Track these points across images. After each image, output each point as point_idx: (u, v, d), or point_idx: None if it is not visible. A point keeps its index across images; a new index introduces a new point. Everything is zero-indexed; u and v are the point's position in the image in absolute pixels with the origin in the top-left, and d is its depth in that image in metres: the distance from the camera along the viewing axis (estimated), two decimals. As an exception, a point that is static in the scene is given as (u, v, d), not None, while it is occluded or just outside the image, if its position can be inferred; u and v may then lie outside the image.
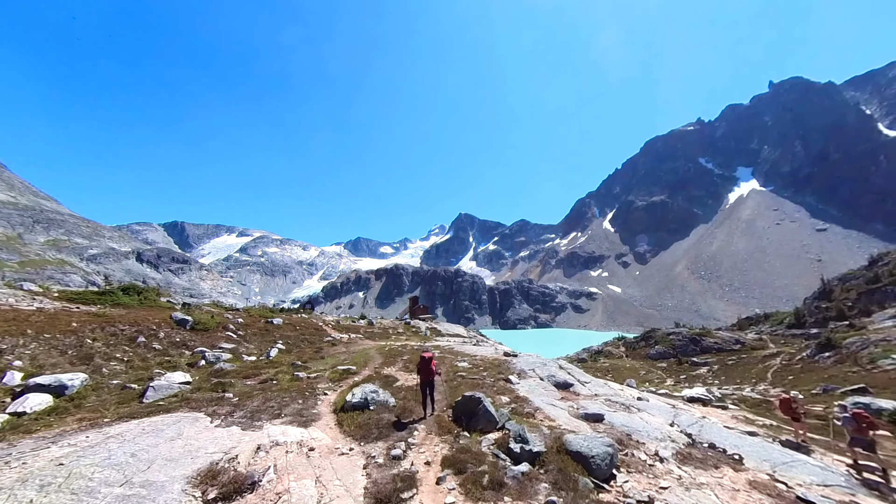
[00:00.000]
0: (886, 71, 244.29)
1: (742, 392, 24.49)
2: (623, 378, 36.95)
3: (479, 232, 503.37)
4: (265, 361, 16.99)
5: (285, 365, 16.11)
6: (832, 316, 40.55)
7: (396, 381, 12.87)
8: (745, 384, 27.63)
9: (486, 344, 32.79)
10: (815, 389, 22.49)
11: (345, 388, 11.84)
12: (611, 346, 55.32)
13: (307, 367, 15.84)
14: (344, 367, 15.46)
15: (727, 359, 36.56)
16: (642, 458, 6.93)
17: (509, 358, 17.80)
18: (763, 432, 11.58)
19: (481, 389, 11.37)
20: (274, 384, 12.63)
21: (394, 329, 38.41)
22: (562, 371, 15.17)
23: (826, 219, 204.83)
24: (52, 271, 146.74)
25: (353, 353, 20.32)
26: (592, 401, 11.35)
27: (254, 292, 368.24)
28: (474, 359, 17.77)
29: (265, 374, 14.37)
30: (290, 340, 23.49)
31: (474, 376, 13.28)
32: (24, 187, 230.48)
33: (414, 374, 13.84)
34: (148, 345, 15.21)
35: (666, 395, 18.30)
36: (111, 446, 6.12)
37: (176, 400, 9.65)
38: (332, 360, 18.09)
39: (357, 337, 29.65)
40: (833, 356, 26.67)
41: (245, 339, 21.57)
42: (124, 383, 11.02)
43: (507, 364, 16.05)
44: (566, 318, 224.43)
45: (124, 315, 17.71)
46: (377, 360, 18.07)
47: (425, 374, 9.06)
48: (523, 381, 12.82)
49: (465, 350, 22.00)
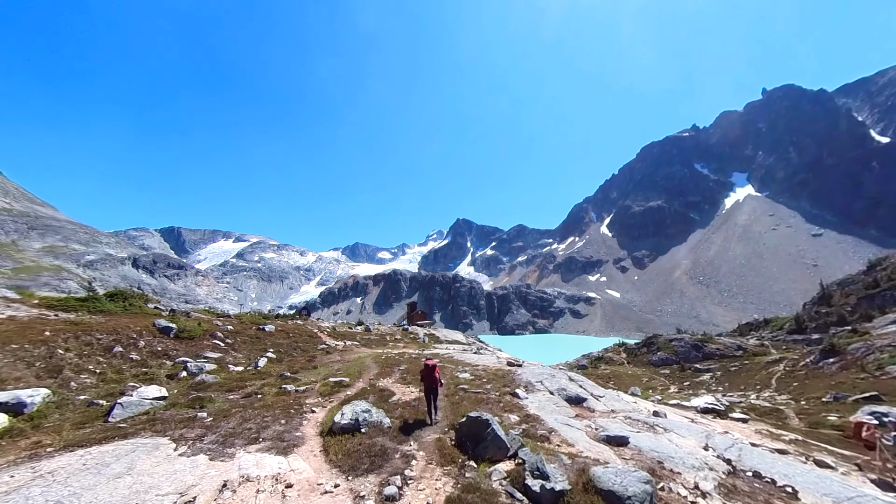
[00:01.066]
0: (877, 79, 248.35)
1: (749, 400, 23.61)
2: (626, 385, 35.94)
3: (477, 237, 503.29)
4: (252, 372, 15.96)
5: (273, 376, 15.09)
6: (833, 321, 39.91)
7: (392, 396, 11.89)
8: (749, 391, 26.79)
9: (487, 352, 31.49)
10: (825, 397, 21.65)
11: (335, 405, 10.83)
12: (611, 353, 54.27)
13: (297, 379, 14.84)
14: (336, 378, 14.43)
15: (730, 365, 35.72)
16: (681, 493, 5.88)
17: (514, 368, 16.77)
18: (793, 449, 10.57)
19: (486, 406, 10.44)
20: (258, 399, 11.59)
21: (391, 335, 37.32)
22: (572, 383, 14.10)
23: (821, 224, 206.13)
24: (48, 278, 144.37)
25: (348, 363, 19.31)
26: (610, 419, 10.37)
27: (250, 298, 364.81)
28: (476, 369, 16.71)
29: (250, 386, 13.35)
30: (282, 349, 22.36)
31: (477, 390, 12.35)
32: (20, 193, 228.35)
33: (412, 386, 13.11)
34: (125, 355, 14.15)
35: (678, 405, 17.23)
36: (32, 492, 4.94)
37: (143, 420, 8.59)
38: (325, 371, 17.13)
39: (353, 344, 28.60)
40: (838, 362, 25.89)
41: (233, 347, 20.48)
42: (92, 399, 9.92)
43: (512, 375, 15.02)
44: (564, 323, 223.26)
45: (103, 323, 16.59)
46: (373, 370, 17.11)
47: (429, 382, 9.21)
48: (532, 396, 11.82)
49: (465, 359, 20.96)
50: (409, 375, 15.59)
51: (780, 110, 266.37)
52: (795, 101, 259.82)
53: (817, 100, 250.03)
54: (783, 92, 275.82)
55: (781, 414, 18.22)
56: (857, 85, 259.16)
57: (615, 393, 14.70)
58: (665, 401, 20.79)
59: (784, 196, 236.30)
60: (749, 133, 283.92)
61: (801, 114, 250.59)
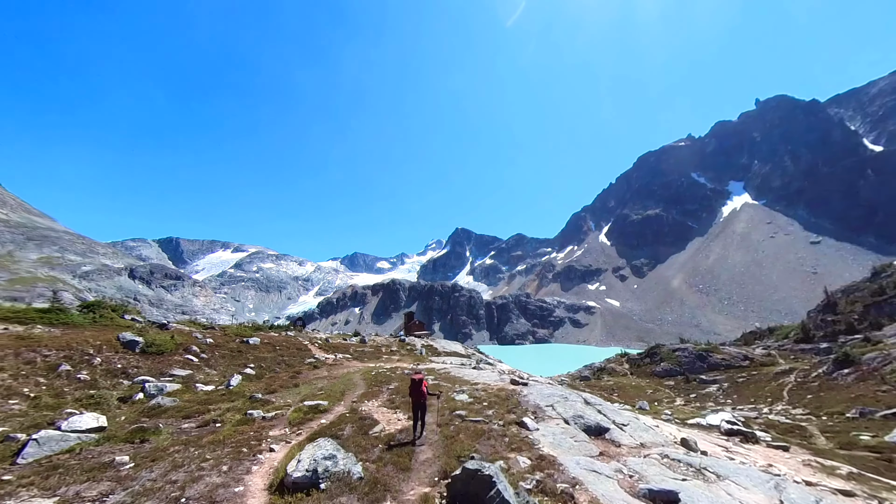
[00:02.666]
0: (868, 89, 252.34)
1: (766, 415, 22.05)
2: (630, 398, 34.32)
3: (476, 246, 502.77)
4: (222, 392, 14.59)
5: (243, 398, 13.78)
6: (841, 329, 38.65)
7: (374, 426, 10.20)
8: (760, 404, 25.33)
9: (488, 366, 29.60)
10: (850, 412, 20.21)
11: (303, 438, 9.30)
12: (614, 363, 52.67)
13: (268, 402, 13.46)
14: (314, 401, 13.02)
15: (737, 376, 34.31)
16: None
17: (519, 388, 15.00)
18: (859, 490, 8.89)
19: (488, 442, 8.78)
20: (216, 428, 10.18)
21: (387, 347, 35.88)
22: (589, 408, 12.08)
23: (819, 231, 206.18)
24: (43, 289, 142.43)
25: (334, 380, 18.03)
26: (643, 458, 8.57)
27: (248, 308, 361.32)
28: (475, 389, 15.05)
29: (213, 411, 11.97)
30: (265, 363, 21.01)
31: (477, 418, 10.72)
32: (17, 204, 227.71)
33: (400, 412, 11.77)
34: (72, 375, 12.83)
35: (696, 425, 15.58)
36: None
37: (47, 466, 7.07)
38: (307, 390, 15.79)
39: (344, 357, 27.19)
40: (853, 373, 24.57)
41: (208, 362, 19.12)
42: (8, 433, 8.51)
43: (518, 397, 13.25)
44: (565, 332, 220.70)
45: (57, 337, 15.23)
46: (359, 388, 15.77)
47: (416, 397, 9.02)
48: (543, 426, 10.03)
49: (464, 375, 19.26)
50: (398, 396, 14.05)
51: (773, 120, 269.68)
52: (788, 111, 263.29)
53: (810, 110, 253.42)
54: (776, 102, 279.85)
55: (804, 432, 16.68)
56: (849, 95, 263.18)
57: (637, 417, 12.72)
58: (677, 416, 19.04)
59: (781, 204, 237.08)
60: (744, 142, 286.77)
61: (794, 123, 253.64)
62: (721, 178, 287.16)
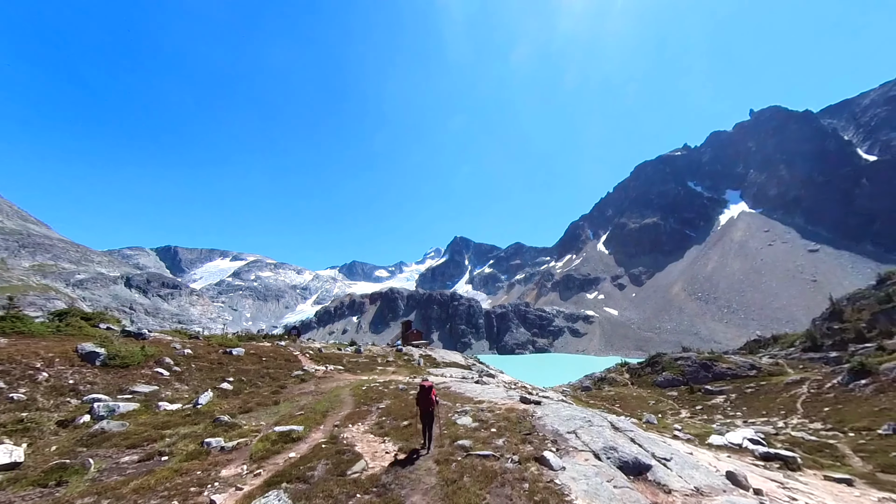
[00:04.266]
0: (859, 100, 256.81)
1: (782, 429, 20.88)
2: (632, 409, 33.51)
3: (475, 255, 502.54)
4: (187, 412, 13.00)
5: (208, 420, 12.07)
6: (851, 337, 38.14)
7: (355, 463, 8.28)
8: (773, 416, 24.46)
9: (491, 379, 27.76)
10: (881, 429, 18.86)
11: (257, 486, 7.49)
12: (614, 373, 51.94)
13: (234, 426, 11.69)
14: (287, 426, 11.22)
15: (744, 386, 33.56)
16: None
17: (530, 407, 12.96)
18: None
19: (501, 488, 7.00)
20: (162, 461, 8.89)
21: (383, 357, 34.86)
22: (620, 436, 9.98)
23: (816, 240, 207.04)
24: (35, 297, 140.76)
25: (320, 396, 16.66)
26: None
27: (245, 318, 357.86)
28: (480, 408, 13.09)
29: (167, 437, 10.39)
30: (246, 377, 19.65)
31: (485, 451, 8.71)
32: (13, 211, 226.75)
33: (389, 441, 10.25)
34: (4, 393, 11.58)
35: (725, 447, 13.91)
36: None
37: None
38: (286, 409, 14.35)
39: (335, 369, 25.89)
40: (871, 384, 23.86)
41: (181, 376, 17.63)
42: None
43: (531, 419, 11.31)
44: (564, 342, 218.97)
45: (2, 348, 14.25)
46: (346, 407, 14.26)
47: (425, 405, 8.73)
48: (569, 463, 8.18)
49: (466, 391, 17.15)
50: (389, 419, 11.96)
51: (768, 130, 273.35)
52: (783, 122, 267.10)
53: (804, 120, 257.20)
54: (770, 113, 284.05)
55: (835, 451, 15.51)
56: (841, 106, 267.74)
57: (678, 445, 10.96)
58: (688, 431, 17.52)
59: (778, 212, 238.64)
60: (740, 152, 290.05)
61: (789, 133, 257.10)
62: (718, 187, 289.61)
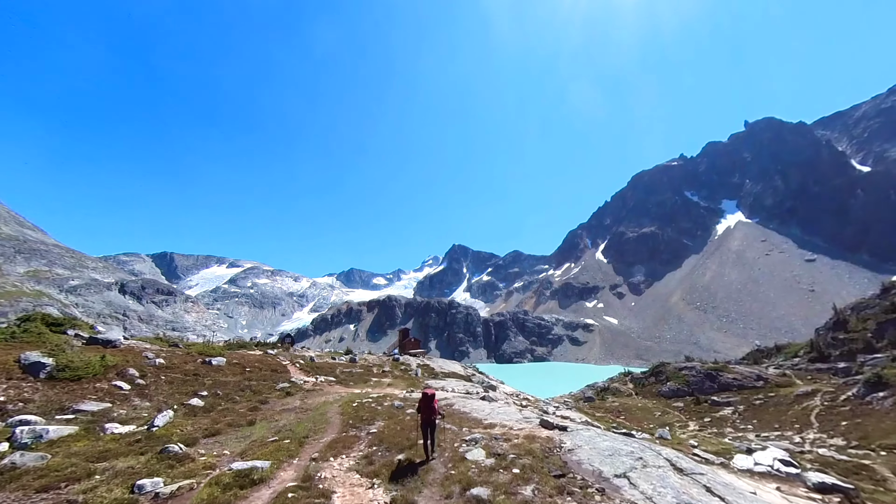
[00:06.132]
0: (852, 112, 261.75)
1: (805, 445, 19.51)
2: (639, 420, 32.60)
3: (473, 263, 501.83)
4: (138, 437, 10.96)
5: (156, 449, 9.96)
6: (859, 348, 37.49)
7: None
8: (786, 430, 23.58)
9: (498, 394, 25.70)
10: None
11: None
12: (617, 383, 50.96)
13: (186, 459, 9.52)
14: (250, 461, 8.89)
15: (752, 398, 32.79)
16: None
17: (554, 434, 10.42)
18: None
19: None
20: None
21: (379, 367, 33.67)
22: (690, 483, 7.58)
23: (812, 249, 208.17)
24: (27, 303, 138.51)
25: (304, 413, 14.97)
26: None
27: (241, 325, 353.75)
28: (493, 435, 10.60)
29: (98, 474, 8.21)
30: (223, 390, 17.67)
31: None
32: (10, 216, 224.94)
33: (378, 487, 8.37)
34: None
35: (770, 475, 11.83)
36: None
37: None
38: (261, 431, 12.36)
39: (327, 381, 24.21)
40: (890, 397, 22.97)
41: (144, 390, 15.64)
42: None
43: (560, 453, 8.90)
44: (563, 350, 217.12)
45: None
46: (331, 430, 12.34)
47: (427, 413, 8.74)
48: None
49: (472, 410, 14.56)
50: (381, 450, 9.77)
51: (763, 141, 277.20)
52: (777, 133, 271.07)
53: (798, 131, 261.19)
54: (765, 124, 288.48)
55: (874, 474, 14.18)
56: (834, 118, 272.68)
57: (742, 486, 9.26)
58: (706, 448, 15.55)
59: (774, 222, 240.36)
60: (735, 162, 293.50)
61: (783, 144, 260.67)
62: (714, 197, 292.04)
